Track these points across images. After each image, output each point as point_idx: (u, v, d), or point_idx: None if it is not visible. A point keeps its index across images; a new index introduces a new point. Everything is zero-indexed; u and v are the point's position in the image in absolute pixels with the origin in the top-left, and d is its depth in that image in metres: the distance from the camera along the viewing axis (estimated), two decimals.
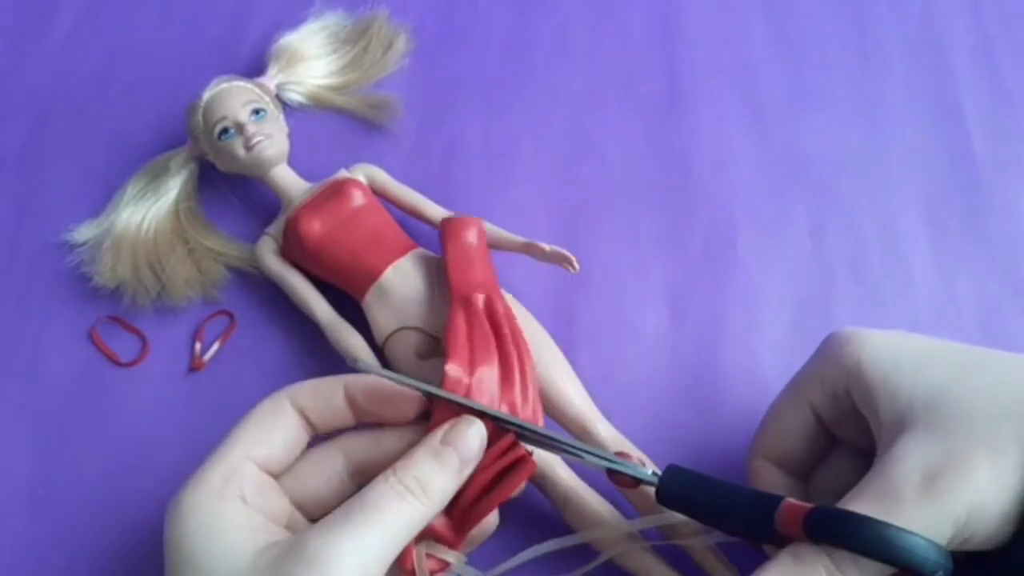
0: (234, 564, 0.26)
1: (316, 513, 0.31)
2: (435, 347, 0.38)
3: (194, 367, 0.41)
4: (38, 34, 0.51)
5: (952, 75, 0.48)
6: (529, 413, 0.35)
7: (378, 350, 0.39)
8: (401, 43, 0.49)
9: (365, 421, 0.32)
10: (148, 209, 0.43)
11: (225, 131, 0.42)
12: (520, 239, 0.40)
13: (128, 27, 0.51)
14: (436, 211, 0.42)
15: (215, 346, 0.41)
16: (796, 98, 0.48)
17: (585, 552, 0.35)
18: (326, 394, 0.31)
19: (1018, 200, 0.45)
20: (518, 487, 0.31)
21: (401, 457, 0.28)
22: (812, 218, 0.45)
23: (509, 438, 0.30)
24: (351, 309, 0.40)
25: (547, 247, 0.40)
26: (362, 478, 0.31)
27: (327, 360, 0.40)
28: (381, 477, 0.28)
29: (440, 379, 0.33)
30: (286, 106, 0.46)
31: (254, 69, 0.47)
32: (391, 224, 0.41)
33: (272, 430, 0.30)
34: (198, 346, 0.41)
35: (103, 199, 0.45)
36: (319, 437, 0.32)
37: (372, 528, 0.26)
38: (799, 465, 0.33)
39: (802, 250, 0.44)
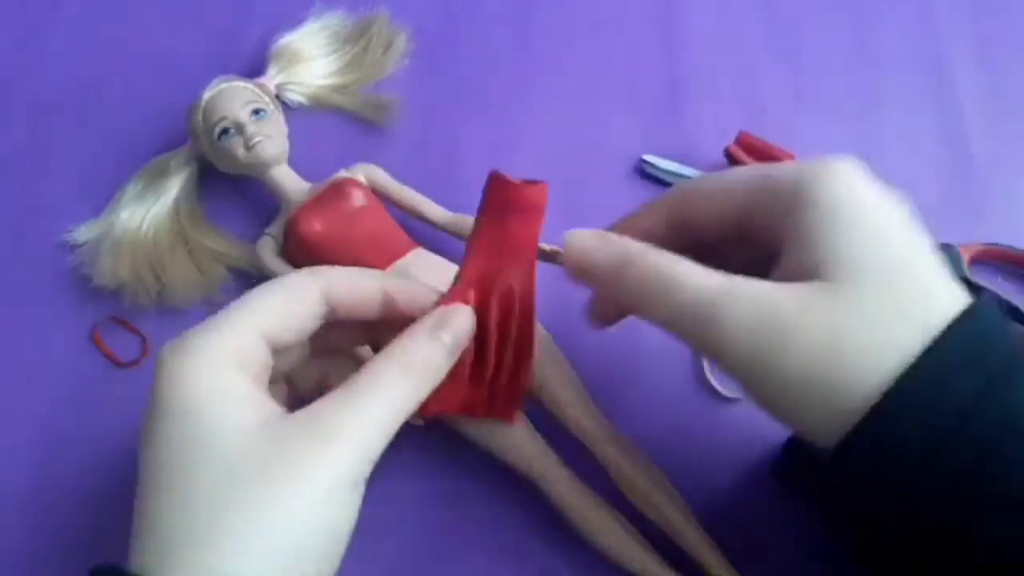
0: (237, 436, 0.25)
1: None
2: None
3: None
4: (38, 34, 0.51)
5: (952, 75, 0.48)
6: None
7: (378, 348, 0.39)
8: (401, 43, 0.49)
9: (390, 320, 0.31)
10: (148, 209, 0.43)
11: (225, 131, 0.41)
12: None
13: (128, 27, 0.51)
14: (436, 211, 0.42)
15: None
16: (796, 98, 0.48)
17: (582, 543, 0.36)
18: (363, 293, 0.30)
19: (1018, 200, 0.45)
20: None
21: (390, 344, 0.29)
22: None
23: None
24: None
25: (547, 247, 0.39)
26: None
27: None
28: (382, 355, 0.28)
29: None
30: (286, 106, 0.46)
31: (254, 69, 0.47)
32: (391, 224, 0.41)
33: (292, 312, 0.29)
34: None
35: (103, 199, 0.45)
36: None
37: (378, 403, 0.27)
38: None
39: None
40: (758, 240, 0.30)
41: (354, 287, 0.30)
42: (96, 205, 0.45)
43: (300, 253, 0.40)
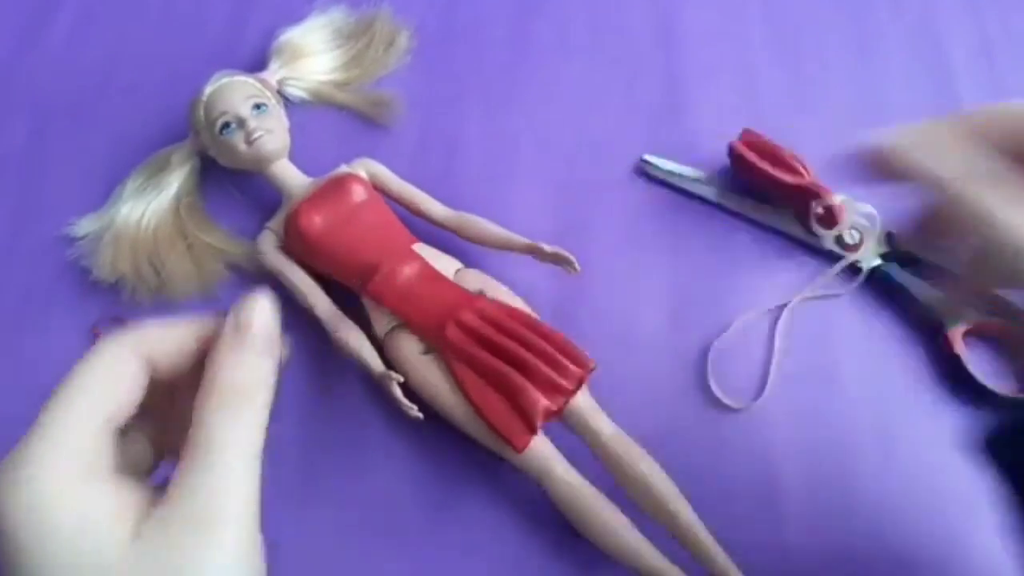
0: (120, 554, 0.22)
1: None
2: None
3: None
4: (38, 33, 0.51)
5: (952, 75, 0.48)
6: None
7: (378, 345, 0.39)
8: (403, 41, 0.49)
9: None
10: (148, 204, 0.43)
11: (226, 125, 0.41)
12: (522, 240, 0.40)
13: (128, 24, 0.51)
14: (436, 207, 0.42)
15: None
16: (796, 98, 0.48)
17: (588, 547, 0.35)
18: (179, 341, 0.26)
19: None
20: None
21: (206, 371, 0.25)
22: None
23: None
24: (352, 304, 0.40)
25: (548, 248, 0.40)
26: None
27: (328, 357, 0.40)
28: (202, 400, 0.24)
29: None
30: (287, 102, 0.46)
31: (256, 64, 0.47)
32: (392, 219, 0.41)
33: (117, 383, 0.25)
34: None
35: (103, 198, 0.45)
36: None
37: (234, 462, 0.24)
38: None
39: None
40: None
41: (170, 339, 0.26)
42: (96, 204, 0.45)
43: (300, 247, 0.40)
